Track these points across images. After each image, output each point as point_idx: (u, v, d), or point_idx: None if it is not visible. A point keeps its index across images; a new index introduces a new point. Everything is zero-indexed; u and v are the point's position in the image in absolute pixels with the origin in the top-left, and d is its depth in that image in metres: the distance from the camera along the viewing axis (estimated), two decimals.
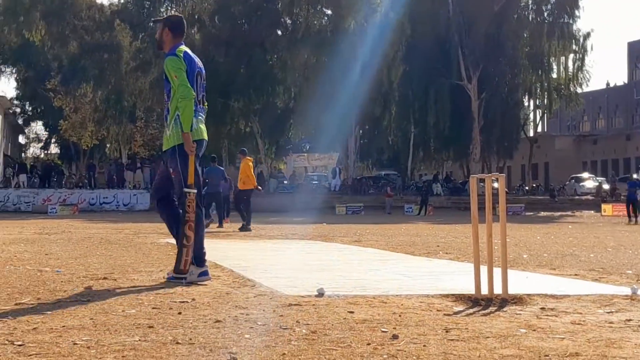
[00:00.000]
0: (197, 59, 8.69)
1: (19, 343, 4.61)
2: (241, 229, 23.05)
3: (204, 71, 8.84)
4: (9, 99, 70.98)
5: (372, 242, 16.26)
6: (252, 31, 58.26)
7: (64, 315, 5.70)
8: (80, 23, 65.90)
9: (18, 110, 75.52)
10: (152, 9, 63.65)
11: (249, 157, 25.07)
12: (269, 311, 5.82)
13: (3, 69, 72.09)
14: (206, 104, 9.03)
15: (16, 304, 6.32)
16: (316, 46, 55.77)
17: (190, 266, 8.04)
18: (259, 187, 25.72)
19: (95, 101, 64.65)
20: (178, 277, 7.99)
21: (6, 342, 4.66)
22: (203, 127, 8.72)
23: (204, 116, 8.78)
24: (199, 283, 7.93)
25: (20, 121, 78.21)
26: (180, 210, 8.28)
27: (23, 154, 79.23)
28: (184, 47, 8.57)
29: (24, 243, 15.21)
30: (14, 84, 72.77)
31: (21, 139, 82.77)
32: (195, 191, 8.27)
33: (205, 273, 8.16)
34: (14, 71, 72.42)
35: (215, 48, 57.93)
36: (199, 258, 8.18)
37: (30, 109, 75.91)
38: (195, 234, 8.18)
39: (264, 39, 58.28)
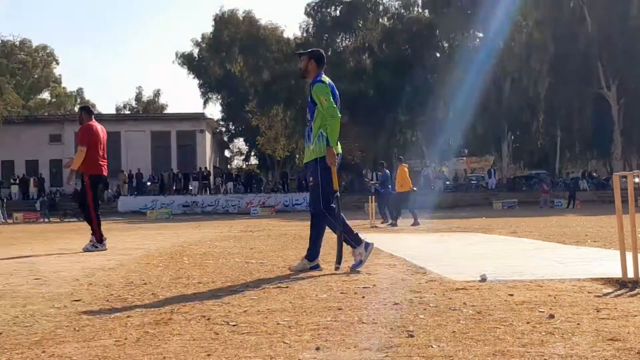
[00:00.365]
0: (334, 86, 8.64)
1: (233, 323, 4.73)
2: (391, 225, 23.14)
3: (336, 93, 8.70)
4: (216, 120, 72.87)
5: (527, 232, 15.99)
6: (414, 55, 58.32)
7: (268, 300, 5.82)
8: (271, 55, 67.22)
9: (223, 129, 77.45)
10: (329, 40, 64.32)
11: (404, 164, 25.11)
12: (439, 294, 5.79)
13: (210, 96, 74.14)
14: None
15: (230, 291, 6.48)
16: (470, 64, 55.48)
17: (358, 248, 8.17)
18: (414, 188, 25.58)
19: (285, 120, 65.95)
20: (355, 266, 8.07)
21: (223, 322, 4.78)
22: (339, 143, 8.52)
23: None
24: (367, 261, 8.13)
25: (225, 138, 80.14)
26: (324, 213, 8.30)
27: (229, 165, 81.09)
28: (325, 77, 8.57)
29: (233, 240, 15.58)
30: (220, 108, 74.71)
31: (227, 153, 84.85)
32: (338, 195, 8.33)
33: (367, 244, 8.18)
34: (219, 97, 74.43)
35: (383, 70, 58.18)
36: (357, 238, 8.21)
37: (233, 128, 77.86)
38: (343, 226, 8.25)
39: (425, 61, 58.24)
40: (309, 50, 9.12)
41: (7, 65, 71.46)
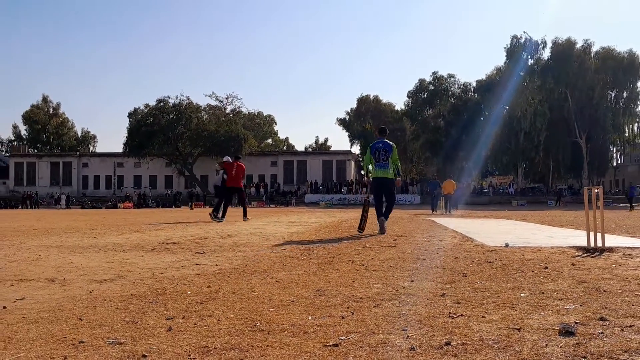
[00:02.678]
0: (380, 144, 8.72)
1: (366, 265, 4.72)
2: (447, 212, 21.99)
3: (382, 146, 8.70)
4: (357, 154, 73.06)
5: (531, 219, 15.32)
6: (468, 119, 56.84)
7: (384, 252, 5.77)
8: (387, 118, 67.03)
9: (360, 159, 77.38)
10: (419, 110, 63.36)
11: (451, 180, 23.78)
12: (481, 253, 5.63)
13: (354, 141, 74.16)
14: (390, 161, 8.73)
15: (363, 247, 6.47)
16: (500, 124, 54.01)
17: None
18: (452, 193, 23.66)
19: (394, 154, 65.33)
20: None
21: (360, 264, 4.79)
22: (379, 172, 8.71)
23: (382, 168, 8.71)
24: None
25: (362, 164, 79.92)
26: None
27: (363, 178, 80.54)
28: (378, 141, 8.77)
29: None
30: (359, 147, 74.84)
31: (362, 172, 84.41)
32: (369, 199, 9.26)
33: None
34: (358, 141, 74.44)
35: (451, 128, 57.54)
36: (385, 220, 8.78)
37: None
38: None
39: (474, 122, 56.67)
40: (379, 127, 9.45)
41: (251, 125, 73.85)
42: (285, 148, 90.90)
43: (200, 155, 63.21)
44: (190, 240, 7.71)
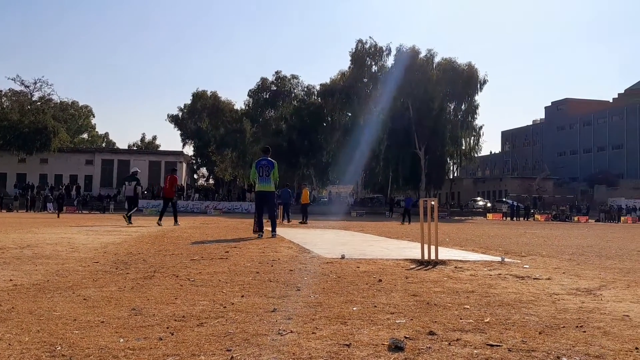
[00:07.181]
0: (263, 161, 10.60)
1: (192, 280, 4.64)
2: (301, 222, 22.90)
3: (266, 163, 10.53)
4: (190, 155, 71.89)
5: (369, 230, 16.20)
6: (311, 123, 58.69)
7: (214, 265, 5.73)
8: (225, 119, 66.73)
9: (194, 161, 76.21)
10: (261, 112, 64.06)
11: (307, 188, 25.87)
12: (317, 265, 5.82)
13: (187, 141, 72.89)
14: (271, 176, 10.54)
15: (190, 260, 6.35)
16: (342, 131, 56.37)
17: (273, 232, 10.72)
18: (311, 203, 26.24)
19: (232, 158, 65.42)
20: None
21: (186, 279, 4.70)
22: (262, 186, 10.57)
23: (264, 182, 10.54)
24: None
25: (195, 167, 78.85)
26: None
27: (196, 183, 79.47)
28: (262, 159, 10.69)
29: (195, 228, 15.24)
30: (192, 148, 73.58)
31: (195, 176, 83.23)
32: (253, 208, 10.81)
33: (274, 235, 10.58)
34: (192, 142, 73.35)
35: (293, 132, 58.67)
36: (274, 229, 10.89)
37: (200, 160, 76.61)
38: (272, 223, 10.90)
39: (317, 128, 58.73)
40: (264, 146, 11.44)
41: (62, 117, 69.20)
42: (104, 145, 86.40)
43: None
44: None
